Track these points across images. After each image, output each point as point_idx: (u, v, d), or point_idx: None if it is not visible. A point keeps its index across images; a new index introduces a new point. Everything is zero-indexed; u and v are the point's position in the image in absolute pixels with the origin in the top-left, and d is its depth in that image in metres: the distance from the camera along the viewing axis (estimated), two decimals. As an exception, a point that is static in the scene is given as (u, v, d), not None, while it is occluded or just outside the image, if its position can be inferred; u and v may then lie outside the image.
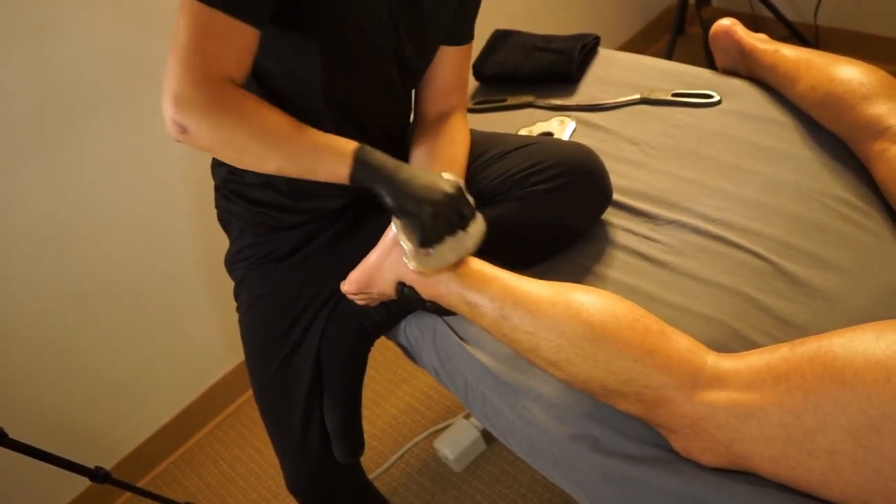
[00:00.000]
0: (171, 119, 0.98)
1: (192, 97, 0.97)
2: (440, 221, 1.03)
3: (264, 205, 1.27)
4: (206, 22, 0.97)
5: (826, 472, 0.80)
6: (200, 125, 0.99)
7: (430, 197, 1.03)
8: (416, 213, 1.02)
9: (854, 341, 0.80)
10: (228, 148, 1.03)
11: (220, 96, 0.99)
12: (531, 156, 1.23)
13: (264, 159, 1.04)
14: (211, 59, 0.98)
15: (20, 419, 1.67)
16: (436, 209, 1.02)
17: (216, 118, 0.99)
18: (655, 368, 0.90)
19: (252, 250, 1.31)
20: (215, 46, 0.99)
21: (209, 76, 0.98)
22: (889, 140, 1.12)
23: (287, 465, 1.33)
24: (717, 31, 1.50)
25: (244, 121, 1.01)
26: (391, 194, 1.03)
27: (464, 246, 1.06)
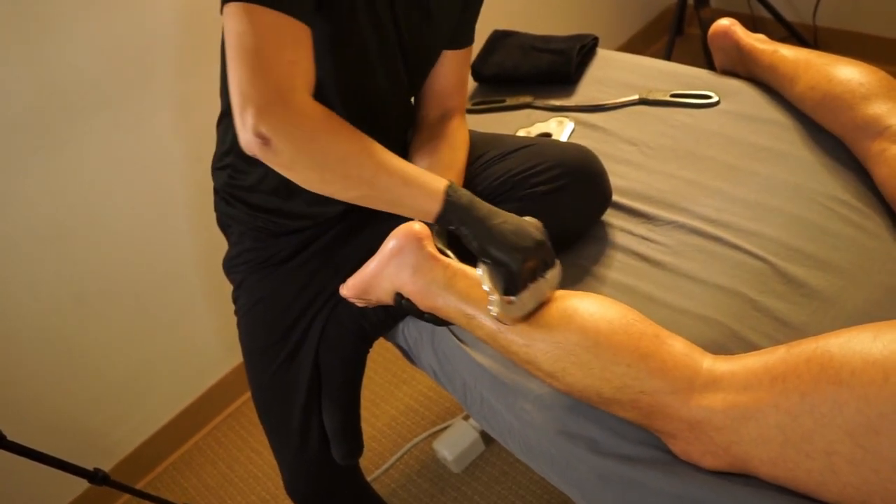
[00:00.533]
0: (254, 129, 0.91)
1: (277, 107, 0.91)
2: (529, 271, 0.99)
3: (265, 210, 1.27)
4: (264, 23, 0.93)
5: (824, 473, 0.79)
6: (286, 138, 0.92)
7: (522, 245, 0.98)
8: (506, 262, 0.98)
9: (851, 341, 0.80)
10: (311, 167, 0.96)
11: (307, 109, 0.94)
12: (531, 157, 1.23)
13: (347, 186, 0.99)
14: (286, 65, 0.93)
15: (18, 420, 1.67)
16: (526, 257, 0.98)
17: (305, 132, 0.93)
18: (650, 373, 0.90)
19: (251, 254, 1.31)
20: (287, 51, 0.94)
21: (290, 85, 0.93)
22: (888, 140, 1.12)
23: (285, 467, 1.33)
24: (715, 32, 1.50)
25: (334, 139, 0.96)
26: (480, 238, 0.99)
27: (543, 293, 1.01)
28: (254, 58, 0.92)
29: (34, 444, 1.39)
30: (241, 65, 0.92)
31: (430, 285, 1.07)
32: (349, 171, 0.97)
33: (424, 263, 1.08)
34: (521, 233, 1.00)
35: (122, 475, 1.91)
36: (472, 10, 1.27)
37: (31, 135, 1.61)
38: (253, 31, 0.92)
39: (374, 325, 1.27)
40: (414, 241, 1.09)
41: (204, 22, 1.75)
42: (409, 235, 1.09)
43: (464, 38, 1.29)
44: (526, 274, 0.98)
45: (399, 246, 1.10)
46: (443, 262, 1.08)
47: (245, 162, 1.23)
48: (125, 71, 1.68)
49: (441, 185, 1.01)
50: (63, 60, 1.59)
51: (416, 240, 1.09)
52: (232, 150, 1.24)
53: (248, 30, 0.92)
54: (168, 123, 1.79)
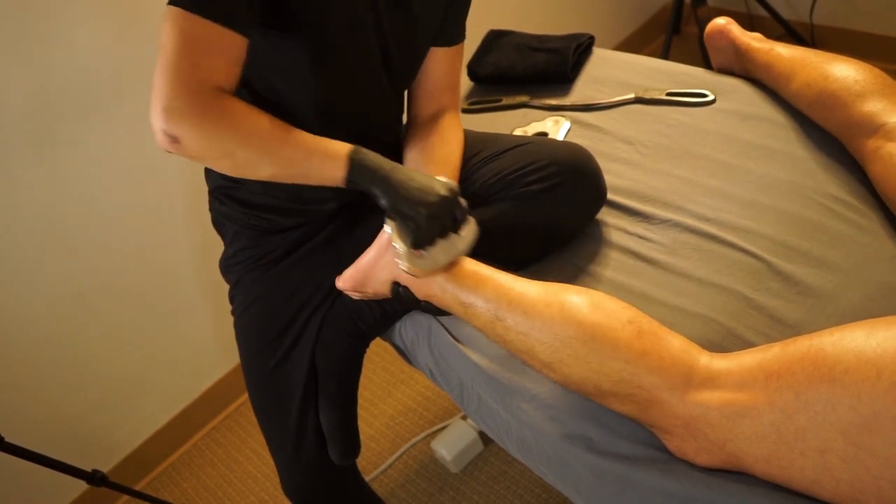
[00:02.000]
0: (162, 130, 0.98)
1: (181, 107, 0.96)
2: (434, 224, 1.03)
3: (259, 208, 1.27)
4: (193, 31, 0.97)
5: (817, 471, 0.79)
6: (191, 135, 0.97)
7: (425, 199, 1.02)
8: (411, 214, 1.02)
9: (844, 339, 0.80)
10: (221, 157, 1.02)
11: (209, 105, 0.98)
12: (525, 156, 1.23)
13: (257, 166, 1.03)
14: (199, 69, 0.97)
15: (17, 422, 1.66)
16: (430, 211, 1.02)
17: (207, 127, 0.98)
18: (648, 369, 0.90)
19: (247, 253, 1.31)
20: (203, 56, 0.98)
21: (198, 86, 0.97)
22: (883, 137, 1.12)
23: (283, 467, 1.33)
24: (711, 30, 1.50)
25: (235, 128, 1.00)
26: (386, 196, 1.03)
27: (456, 248, 1.06)
28: (169, 60, 0.97)
29: (32, 445, 1.39)
30: (158, 66, 0.98)
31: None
32: (252, 154, 1.02)
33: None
34: (427, 188, 1.04)
35: (120, 476, 1.91)
36: (458, 6, 1.26)
37: (29, 135, 1.61)
38: (175, 35, 0.97)
39: (370, 325, 1.27)
40: None
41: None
42: None
43: (453, 35, 1.28)
44: (433, 228, 1.03)
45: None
46: None
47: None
48: (123, 71, 1.68)
49: (344, 150, 1.04)
50: (61, 61, 1.60)
51: None
52: None
53: (172, 34, 0.97)
54: (165, 124, 1.79)
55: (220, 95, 0.99)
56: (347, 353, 1.28)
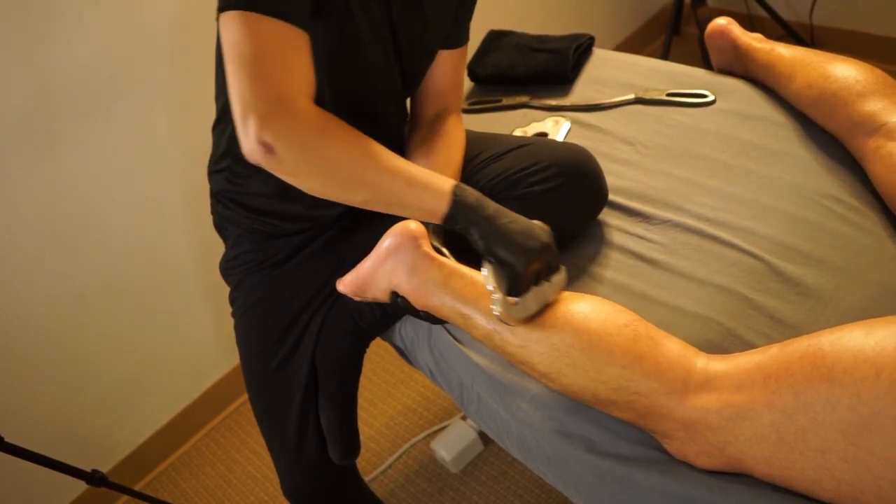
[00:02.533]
0: (257, 138, 0.90)
1: (277, 114, 0.90)
2: (532, 273, 0.98)
3: (263, 212, 1.27)
4: (265, 33, 0.92)
5: (818, 472, 0.79)
6: (290, 145, 0.91)
7: (528, 246, 0.97)
8: (511, 262, 0.97)
9: (843, 339, 0.80)
10: (315, 174, 0.95)
11: (309, 115, 0.93)
12: (527, 157, 1.23)
13: (351, 190, 0.98)
14: (286, 72, 0.92)
15: (17, 422, 1.67)
16: (530, 260, 0.97)
17: (308, 139, 0.92)
18: (645, 375, 0.90)
19: (249, 256, 1.30)
20: (283, 57, 0.93)
21: (291, 92, 0.92)
22: (884, 137, 1.12)
23: (282, 468, 1.33)
24: (712, 31, 1.50)
25: (337, 144, 0.95)
26: (486, 239, 0.98)
27: (546, 297, 1.00)
28: (253, 66, 0.91)
29: (32, 445, 1.39)
30: (240, 73, 0.91)
31: (426, 284, 1.07)
32: (352, 175, 0.96)
33: (420, 263, 1.07)
34: (528, 234, 0.99)
35: (120, 476, 1.91)
36: (466, 8, 1.27)
37: (28, 135, 1.61)
38: (251, 38, 0.91)
39: (370, 325, 1.27)
40: (410, 240, 1.08)
41: (201, 23, 1.74)
42: (404, 234, 1.09)
43: (458, 37, 1.29)
44: (530, 276, 0.97)
45: (395, 245, 1.09)
46: (438, 261, 1.08)
47: (243, 165, 1.23)
48: (123, 71, 1.68)
49: (447, 185, 1.00)
50: (61, 61, 1.60)
51: (412, 238, 1.08)
52: (229, 153, 1.24)
53: (246, 38, 0.91)
54: (165, 124, 1.79)
55: (315, 106, 0.94)
56: (348, 353, 1.28)
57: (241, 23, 0.92)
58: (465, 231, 1.00)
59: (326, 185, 0.97)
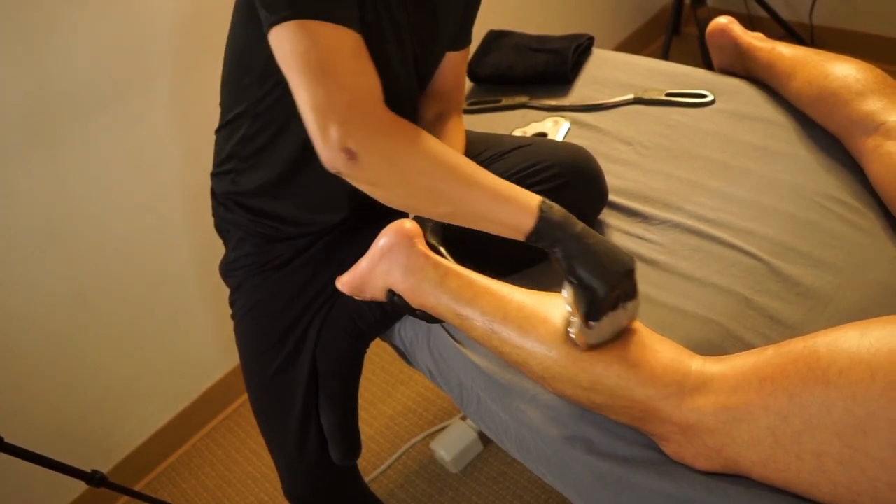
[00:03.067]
0: (340, 145, 0.87)
1: (360, 120, 0.88)
2: (613, 298, 0.93)
3: (267, 216, 1.26)
4: (333, 39, 0.90)
5: (814, 474, 0.79)
6: (374, 153, 0.89)
7: (612, 270, 0.93)
8: (593, 286, 0.92)
9: (838, 340, 0.80)
10: (397, 183, 0.93)
11: (390, 121, 0.91)
12: (527, 157, 1.23)
13: (435, 202, 0.95)
14: (358, 77, 0.91)
15: (16, 422, 1.67)
16: (613, 285, 0.92)
17: (392, 145, 0.90)
18: (640, 382, 0.90)
19: (250, 259, 1.30)
20: (353, 62, 0.91)
21: (367, 96, 0.91)
22: (882, 136, 1.12)
23: (283, 469, 1.33)
24: (713, 30, 1.50)
25: (422, 154, 0.92)
26: (570, 258, 0.93)
27: (620, 323, 0.96)
28: (324, 73, 0.89)
29: (32, 445, 1.38)
30: (311, 82, 0.89)
31: (422, 284, 1.06)
32: (435, 186, 0.93)
33: (416, 262, 1.06)
34: (613, 258, 0.94)
35: (120, 477, 1.91)
36: (471, 11, 1.27)
37: (29, 135, 1.61)
38: (316, 46, 0.89)
39: (370, 326, 1.27)
40: (405, 239, 1.08)
41: (201, 23, 1.75)
42: (399, 233, 1.08)
43: (462, 39, 1.29)
44: (611, 301, 0.93)
45: (389, 244, 1.08)
46: (434, 260, 1.07)
47: (248, 168, 1.23)
48: (123, 72, 1.68)
49: (534, 202, 0.95)
50: (61, 62, 1.60)
51: (407, 238, 1.08)
52: (234, 156, 1.23)
53: (311, 46, 0.89)
54: (166, 125, 1.79)
55: (393, 114, 0.92)
56: (348, 353, 1.28)
57: (300, 32, 0.90)
58: (549, 249, 0.95)
59: (408, 196, 0.95)
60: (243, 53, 1.13)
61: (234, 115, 1.20)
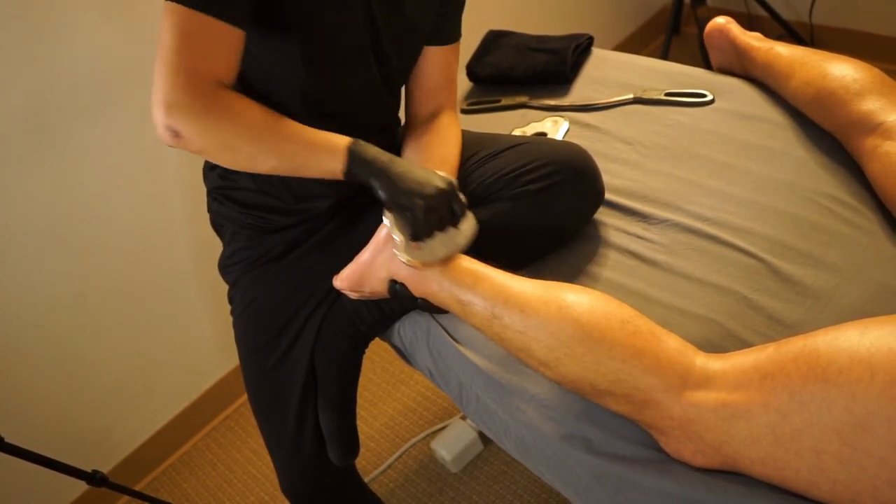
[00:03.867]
0: (164, 124, 0.99)
1: (182, 101, 0.98)
2: (431, 216, 1.04)
3: (256, 207, 1.27)
4: (190, 25, 0.98)
5: (813, 472, 0.79)
6: (193, 129, 0.99)
7: (423, 191, 1.03)
8: (409, 206, 1.03)
9: (838, 339, 0.80)
10: (222, 150, 1.04)
11: (210, 99, 0.99)
12: (523, 155, 1.23)
13: (257, 159, 1.05)
14: (198, 62, 0.99)
15: (17, 422, 1.67)
16: (427, 203, 1.03)
17: (209, 121, 1.00)
18: (644, 370, 0.90)
19: (246, 253, 1.31)
20: (201, 49, 0.99)
21: (198, 79, 0.99)
22: (881, 136, 1.12)
23: (281, 468, 1.33)
24: (711, 30, 1.50)
25: (235, 122, 1.01)
26: (385, 187, 1.04)
27: (455, 242, 1.07)
28: (167, 55, 0.98)
29: (32, 445, 1.39)
30: (157, 62, 0.99)
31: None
32: (256, 148, 1.03)
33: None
34: (424, 181, 1.04)
35: (120, 477, 1.91)
36: (453, 4, 1.26)
37: (28, 135, 1.61)
38: (170, 29, 0.98)
39: (369, 326, 1.27)
40: None
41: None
42: None
43: (448, 34, 1.28)
44: (431, 220, 1.03)
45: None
46: None
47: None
48: (122, 72, 1.69)
49: (343, 142, 1.06)
50: (62, 61, 1.60)
51: None
52: None
53: (167, 27, 0.99)
54: (164, 125, 1.79)
55: (219, 89, 1.01)
56: (347, 355, 1.28)
57: (170, 15, 0.99)
58: (368, 185, 1.06)
59: (235, 159, 1.05)
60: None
61: None
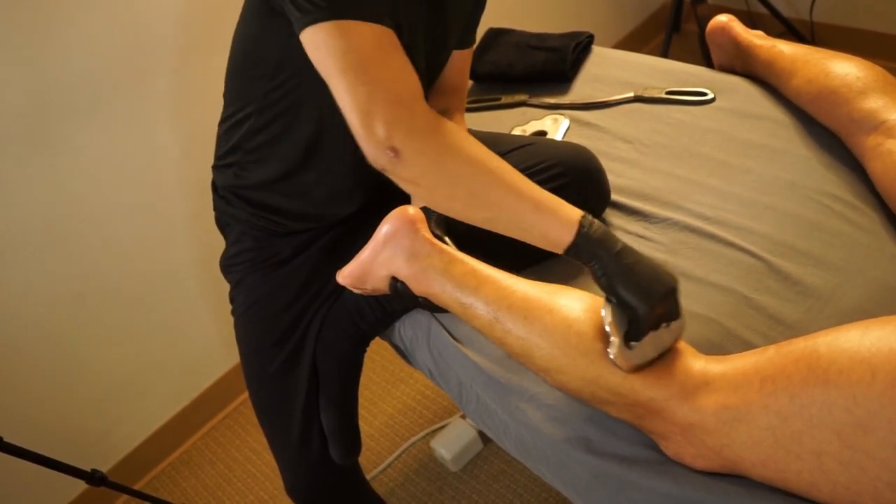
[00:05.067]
0: (386, 143, 0.89)
1: (405, 118, 0.89)
2: (655, 318, 0.91)
3: (270, 210, 1.26)
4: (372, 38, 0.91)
5: (814, 474, 0.79)
6: (419, 152, 0.90)
7: (654, 290, 0.90)
8: (633, 304, 0.90)
9: (839, 340, 0.80)
10: (440, 184, 0.94)
11: (434, 120, 0.92)
12: (530, 156, 1.23)
13: (474, 206, 0.95)
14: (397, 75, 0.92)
15: (16, 421, 1.67)
16: (655, 305, 0.90)
17: (437, 146, 0.92)
18: (644, 384, 0.90)
19: (251, 254, 1.30)
20: (392, 60, 0.93)
21: (410, 94, 0.92)
22: (883, 134, 1.12)
23: (286, 468, 1.33)
24: (713, 28, 1.50)
25: (465, 155, 0.93)
26: (611, 276, 0.91)
27: (663, 344, 0.93)
28: (365, 73, 0.90)
29: (32, 445, 1.39)
30: (353, 83, 0.90)
31: (426, 270, 1.05)
32: (478, 189, 0.94)
33: (421, 248, 1.06)
34: (656, 277, 0.91)
35: (120, 476, 1.91)
36: (478, 11, 1.28)
37: (28, 135, 1.61)
38: (353, 46, 0.90)
39: (370, 325, 1.27)
40: (408, 225, 1.07)
41: (201, 22, 1.75)
42: (402, 219, 1.08)
43: (469, 38, 1.30)
44: (652, 320, 0.90)
45: (394, 229, 1.08)
46: (439, 247, 1.07)
47: (253, 161, 1.22)
48: (122, 71, 1.68)
49: (575, 215, 0.94)
50: (59, 61, 1.59)
51: (410, 223, 1.07)
52: (238, 148, 1.22)
53: (348, 46, 0.90)
54: (165, 123, 1.79)
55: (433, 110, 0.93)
56: (348, 354, 1.28)
57: (337, 32, 0.90)
58: (588, 265, 0.93)
59: (450, 198, 0.96)
60: (256, 45, 1.12)
61: (240, 106, 1.19)
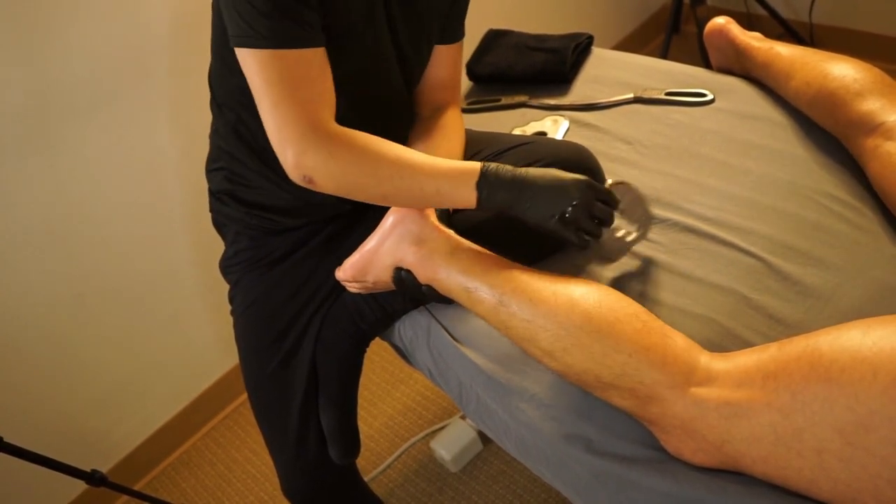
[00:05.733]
0: (296, 170, 1.02)
1: (312, 146, 0.99)
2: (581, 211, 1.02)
3: (262, 208, 1.27)
4: (286, 66, 0.99)
5: (814, 472, 0.80)
6: (327, 175, 1.02)
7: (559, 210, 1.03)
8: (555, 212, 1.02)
9: (841, 338, 0.80)
10: (353, 191, 1.05)
11: (339, 140, 1.01)
12: (526, 155, 1.23)
13: (393, 199, 1.07)
14: (313, 99, 1.00)
15: (16, 422, 1.67)
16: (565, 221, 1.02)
17: (341, 165, 1.01)
18: (650, 365, 0.90)
19: (248, 254, 1.30)
20: (311, 85, 1.01)
21: (320, 119, 1.00)
22: (882, 136, 1.12)
23: (282, 468, 1.33)
24: (710, 30, 1.50)
25: (369, 164, 1.03)
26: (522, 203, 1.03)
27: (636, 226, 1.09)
28: (280, 104, 0.99)
29: (31, 445, 1.38)
30: (269, 111, 1.00)
31: (433, 255, 1.07)
32: (388, 186, 1.04)
33: (429, 233, 1.09)
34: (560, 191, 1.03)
35: (120, 476, 1.91)
36: (460, 5, 1.27)
37: (27, 135, 1.61)
38: (275, 74, 0.98)
39: (370, 324, 1.27)
40: (416, 211, 1.11)
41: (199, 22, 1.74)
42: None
43: (454, 33, 1.29)
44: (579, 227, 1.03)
45: (401, 216, 1.11)
46: (446, 232, 1.09)
47: (240, 164, 1.23)
48: (121, 71, 1.68)
49: (475, 166, 1.04)
50: (59, 62, 1.60)
51: (419, 210, 1.11)
52: (226, 151, 1.24)
53: (271, 73, 0.98)
54: (164, 123, 1.79)
55: (341, 129, 1.03)
56: (348, 354, 1.28)
57: (263, 60, 0.97)
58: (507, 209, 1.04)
59: (368, 197, 1.07)
60: (226, 50, 1.13)
61: (224, 110, 1.20)
